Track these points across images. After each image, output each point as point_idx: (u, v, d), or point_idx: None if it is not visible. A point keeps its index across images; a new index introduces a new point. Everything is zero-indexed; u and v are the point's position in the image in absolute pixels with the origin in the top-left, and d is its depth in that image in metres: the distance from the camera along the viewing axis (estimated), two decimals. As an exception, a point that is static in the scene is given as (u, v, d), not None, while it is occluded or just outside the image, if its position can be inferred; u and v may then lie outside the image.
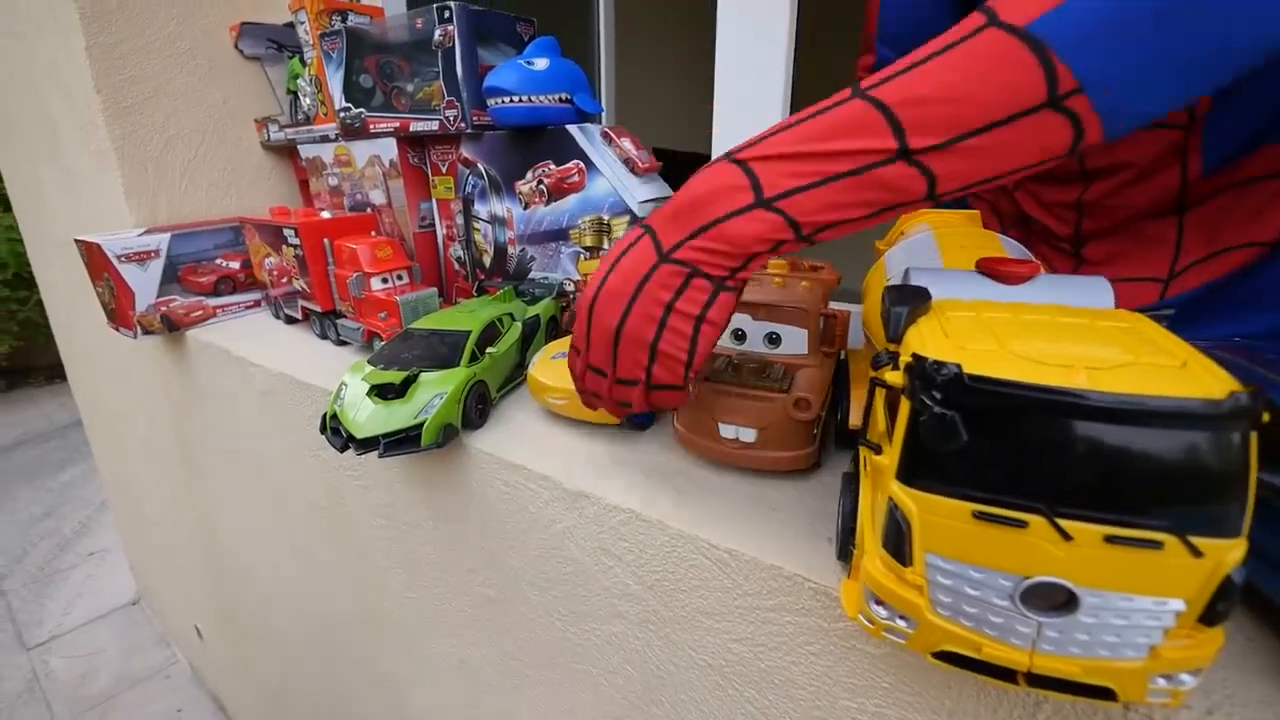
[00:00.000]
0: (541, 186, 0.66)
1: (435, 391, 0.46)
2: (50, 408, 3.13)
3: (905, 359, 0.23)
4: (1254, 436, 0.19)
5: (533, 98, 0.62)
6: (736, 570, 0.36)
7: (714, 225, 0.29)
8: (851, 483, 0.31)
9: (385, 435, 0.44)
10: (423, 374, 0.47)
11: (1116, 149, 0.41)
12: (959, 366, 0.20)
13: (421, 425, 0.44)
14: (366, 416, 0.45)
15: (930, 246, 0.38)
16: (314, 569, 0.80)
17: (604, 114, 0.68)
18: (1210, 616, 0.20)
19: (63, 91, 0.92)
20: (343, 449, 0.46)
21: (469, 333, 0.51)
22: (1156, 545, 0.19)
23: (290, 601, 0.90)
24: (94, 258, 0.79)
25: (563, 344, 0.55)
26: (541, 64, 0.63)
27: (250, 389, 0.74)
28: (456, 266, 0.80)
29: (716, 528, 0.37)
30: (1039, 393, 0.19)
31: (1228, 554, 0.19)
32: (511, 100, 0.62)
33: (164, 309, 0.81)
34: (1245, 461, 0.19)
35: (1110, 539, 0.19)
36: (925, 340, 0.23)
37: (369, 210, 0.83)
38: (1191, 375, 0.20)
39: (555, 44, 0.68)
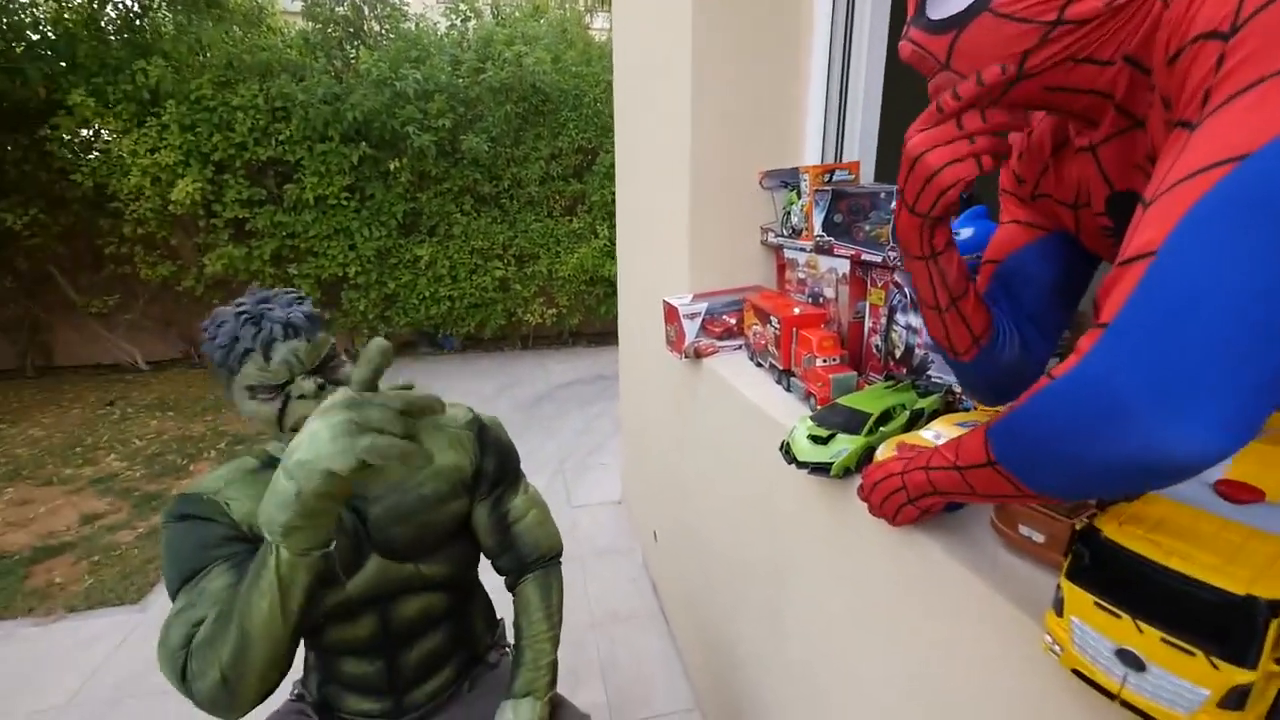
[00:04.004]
0: (947, 316, 0.92)
1: (843, 446, 0.81)
2: (588, 363, 4.81)
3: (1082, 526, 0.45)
4: (1272, 625, 0.36)
5: (953, 257, 0.89)
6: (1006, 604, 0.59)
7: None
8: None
9: (812, 462, 0.82)
10: (839, 434, 0.82)
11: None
12: (1100, 530, 0.43)
13: (832, 463, 0.80)
14: (805, 449, 0.83)
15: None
16: (744, 516, 1.27)
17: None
18: (1226, 704, 0.37)
19: (672, 209, 1.62)
20: (789, 463, 0.85)
21: (871, 415, 0.84)
22: (1191, 654, 0.38)
23: (721, 532, 1.42)
24: (670, 312, 1.44)
25: (907, 437, 0.78)
26: (966, 233, 0.89)
27: (732, 404, 1.24)
28: (874, 351, 1.12)
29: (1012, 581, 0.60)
30: (1136, 558, 0.41)
31: (1236, 674, 0.37)
32: (936, 258, 0.90)
33: (696, 345, 1.40)
34: (1255, 634, 0.36)
35: (1164, 640, 0.39)
36: (1098, 520, 0.45)
37: (821, 300, 1.23)
38: (1233, 580, 0.37)
39: (983, 211, 0.91)
